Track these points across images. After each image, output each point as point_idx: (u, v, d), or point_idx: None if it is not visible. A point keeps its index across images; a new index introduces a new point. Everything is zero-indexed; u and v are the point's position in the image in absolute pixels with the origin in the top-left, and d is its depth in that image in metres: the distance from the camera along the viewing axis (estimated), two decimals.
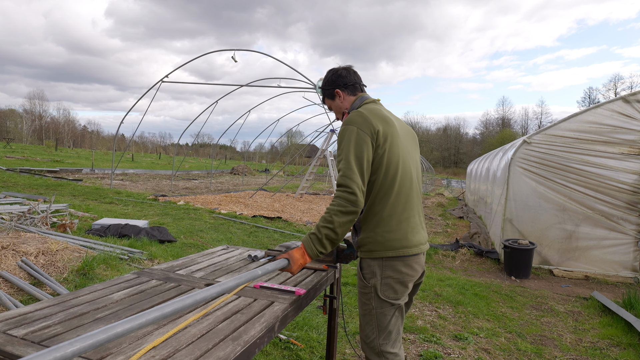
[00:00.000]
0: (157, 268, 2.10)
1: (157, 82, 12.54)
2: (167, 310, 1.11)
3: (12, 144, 41.19)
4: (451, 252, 6.95)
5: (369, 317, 1.84)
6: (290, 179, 24.22)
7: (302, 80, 12.22)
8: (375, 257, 1.81)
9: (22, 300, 3.47)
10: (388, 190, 1.80)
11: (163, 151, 72.38)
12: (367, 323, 1.86)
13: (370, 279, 1.82)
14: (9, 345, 1.19)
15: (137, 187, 15.11)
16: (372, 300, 1.82)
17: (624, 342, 3.59)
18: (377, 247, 1.80)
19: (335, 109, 2.11)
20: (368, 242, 1.82)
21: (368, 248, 1.83)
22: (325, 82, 2.10)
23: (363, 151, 1.75)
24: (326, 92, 2.09)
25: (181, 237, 6.69)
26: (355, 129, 1.78)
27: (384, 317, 1.82)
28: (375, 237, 1.80)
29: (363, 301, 1.86)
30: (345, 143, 1.78)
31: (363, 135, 1.77)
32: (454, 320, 3.94)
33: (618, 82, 49.58)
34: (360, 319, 1.91)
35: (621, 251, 5.92)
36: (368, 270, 1.83)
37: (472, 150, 62.06)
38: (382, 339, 1.83)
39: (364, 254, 1.85)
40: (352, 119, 1.82)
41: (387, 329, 1.83)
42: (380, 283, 1.80)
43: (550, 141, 6.19)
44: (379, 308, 1.82)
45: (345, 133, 1.80)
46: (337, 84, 2.06)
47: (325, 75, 2.13)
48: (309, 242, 1.76)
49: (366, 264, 1.84)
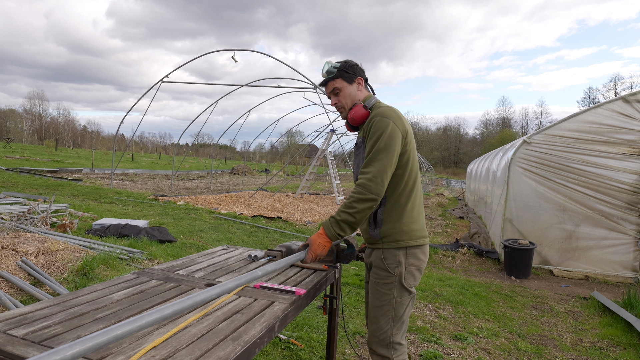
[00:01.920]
0: (157, 268, 2.10)
1: (157, 82, 12.54)
2: (167, 312, 1.10)
3: (12, 144, 41.19)
4: (451, 252, 6.95)
5: (387, 307, 1.92)
6: (290, 179, 24.22)
7: (302, 81, 12.22)
8: (401, 246, 1.92)
9: (22, 300, 3.47)
10: (412, 185, 1.95)
11: (163, 151, 72.37)
12: (383, 314, 1.93)
13: (395, 268, 1.92)
14: (9, 345, 1.19)
15: (137, 187, 15.10)
16: (394, 290, 1.92)
17: (624, 342, 3.59)
18: (403, 236, 1.92)
19: (348, 96, 2.05)
20: (394, 232, 1.92)
21: (394, 238, 1.92)
22: (347, 66, 2.05)
23: (395, 145, 1.85)
24: (346, 75, 2.04)
25: (181, 237, 6.69)
26: (391, 123, 1.87)
27: (401, 307, 1.93)
28: (401, 227, 1.92)
29: (383, 292, 1.93)
30: (380, 134, 1.85)
31: (397, 131, 1.87)
32: (454, 320, 3.94)
33: (618, 82, 49.63)
34: (373, 311, 1.96)
35: (621, 251, 5.92)
36: (393, 260, 1.92)
37: (472, 150, 62.06)
38: (395, 329, 1.93)
39: (389, 244, 1.93)
40: (388, 113, 1.90)
41: (401, 319, 1.94)
42: (405, 271, 1.92)
43: (550, 141, 6.18)
44: (399, 297, 1.92)
45: (381, 124, 1.86)
46: (359, 73, 2.08)
47: (345, 61, 2.09)
48: (328, 225, 1.88)
49: (391, 254, 1.93)
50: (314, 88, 12.33)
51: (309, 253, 1.91)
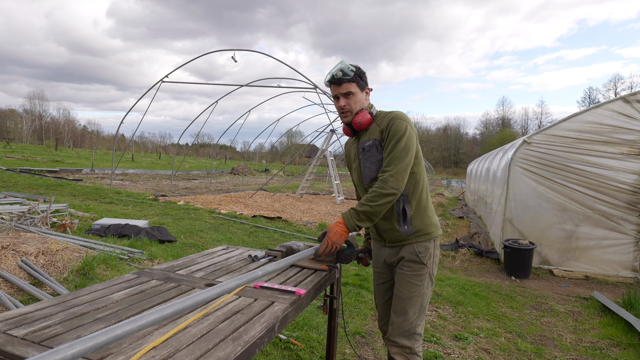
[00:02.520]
0: (157, 268, 2.10)
1: (157, 82, 12.54)
2: (167, 312, 1.11)
3: (12, 144, 41.18)
4: (451, 252, 6.94)
5: (417, 298, 2.04)
6: (290, 179, 24.21)
7: (302, 81, 12.22)
8: (431, 237, 2.07)
9: (22, 300, 3.47)
10: (425, 181, 2.13)
11: (163, 151, 72.36)
12: (412, 305, 2.04)
13: (428, 259, 2.06)
14: (9, 345, 1.19)
15: (137, 187, 15.10)
16: (425, 280, 2.05)
17: (624, 342, 3.59)
18: (433, 228, 2.09)
19: (358, 102, 2.17)
20: (426, 225, 2.07)
21: (427, 231, 2.07)
22: (362, 73, 2.17)
23: (413, 145, 2.01)
24: (360, 82, 2.16)
25: (181, 237, 6.69)
26: (408, 125, 2.03)
27: (427, 297, 2.07)
28: (430, 220, 2.09)
29: (414, 283, 2.04)
30: (401, 135, 1.99)
31: (414, 132, 2.04)
32: (454, 320, 3.94)
33: (618, 82, 49.61)
34: (402, 303, 2.05)
35: (621, 251, 5.92)
36: (426, 252, 2.06)
37: (472, 150, 62.06)
38: (419, 319, 2.06)
39: (422, 237, 2.06)
40: (405, 117, 2.06)
41: (425, 309, 2.09)
42: (433, 262, 2.08)
43: (550, 141, 6.18)
44: (427, 288, 2.07)
45: (401, 127, 2.00)
46: (366, 82, 2.21)
47: (359, 68, 2.19)
48: (348, 215, 1.98)
49: (424, 247, 2.06)
50: (314, 88, 12.32)
51: (325, 240, 2.00)
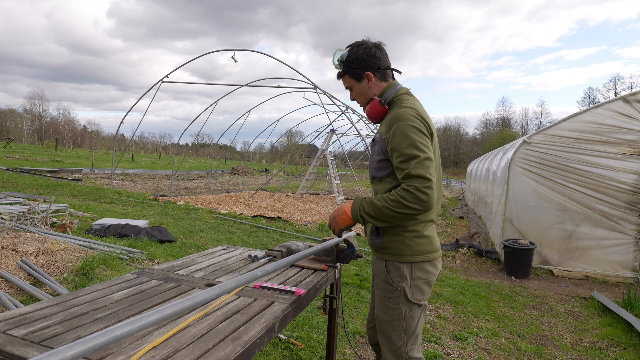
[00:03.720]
0: (157, 268, 2.10)
1: (157, 82, 12.54)
2: (167, 313, 1.10)
3: (12, 144, 41.19)
4: (451, 252, 6.94)
5: (397, 322, 1.76)
6: (290, 179, 24.21)
7: (302, 81, 12.22)
8: (405, 261, 1.79)
9: (22, 300, 3.47)
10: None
11: (163, 151, 72.39)
12: (393, 329, 1.77)
13: (399, 282, 1.82)
14: (9, 345, 1.19)
15: (137, 187, 15.10)
16: (401, 304, 1.77)
17: (624, 342, 3.59)
18: (407, 252, 1.78)
19: (359, 94, 1.81)
20: (398, 246, 1.79)
21: (398, 252, 1.79)
22: (353, 59, 1.76)
23: (428, 148, 1.66)
24: (352, 72, 1.77)
25: (181, 237, 6.69)
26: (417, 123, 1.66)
27: (412, 321, 1.76)
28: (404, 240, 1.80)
29: (390, 306, 1.77)
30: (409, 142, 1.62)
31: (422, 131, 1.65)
32: (454, 320, 3.94)
33: (618, 82, 49.60)
34: (384, 326, 1.80)
35: (621, 251, 5.92)
36: (397, 273, 1.82)
37: (472, 150, 62.05)
38: (409, 344, 1.76)
39: (392, 257, 1.80)
40: (408, 117, 1.65)
41: (414, 333, 1.77)
42: (410, 285, 1.79)
43: (550, 141, 6.18)
44: (408, 311, 1.77)
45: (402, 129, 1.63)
46: (368, 65, 1.76)
47: (353, 50, 1.77)
48: (358, 202, 1.71)
49: (394, 267, 1.81)
50: (314, 88, 12.33)
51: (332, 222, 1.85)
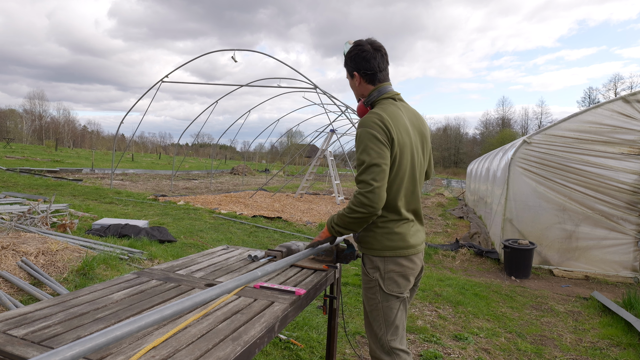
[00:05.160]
0: (157, 268, 2.10)
1: (157, 82, 12.54)
2: (167, 313, 1.11)
3: (12, 144, 41.18)
4: (451, 252, 6.94)
5: (376, 312, 1.87)
6: (290, 179, 24.21)
7: (302, 81, 12.22)
8: (379, 255, 1.89)
9: (22, 300, 3.47)
10: (396, 192, 1.85)
11: (163, 151, 72.39)
12: (374, 319, 1.88)
13: (373, 273, 1.93)
14: (9, 345, 1.19)
15: (137, 187, 15.10)
16: (378, 295, 1.88)
17: (624, 342, 3.59)
18: (376, 245, 1.89)
19: (352, 89, 1.95)
20: (370, 241, 1.88)
21: (371, 246, 1.89)
22: (348, 57, 1.88)
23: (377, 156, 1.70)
24: (347, 68, 1.91)
25: (181, 237, 6.69)
26: (372, 131, 1.71)
27: (390, 311, 1.85)
28: (375, 235, 1.89)
29: (369, 296, 1.90)
30: (362, 147, 1.71)
31: (378, 140, 1.70)
32: (454, 320, 3.94)
33: (618, 82, 49.62)
34: (367, 316, 1.93)
35: (621, 251, 5.92)
36: (372, 265, 1.92)
37: (472, 150, 62.06)
38: (389, 334, 1.85)
39: (367, 250, 1.91)
40: (368, 123, 1.73)
41: (394, 323, 1.85)
42: (384, 277, 1.90)
43: (550, 141, 6.18)
44: (385, 302, 1.86)
45: (361, 137, 1.73)
46: (357, 66, 1.86)
47: (351, 49, 1.87)
48: (331, 217, 1.89)
49: (368, 259, 1.93)
50: (314, 88, 12.32)
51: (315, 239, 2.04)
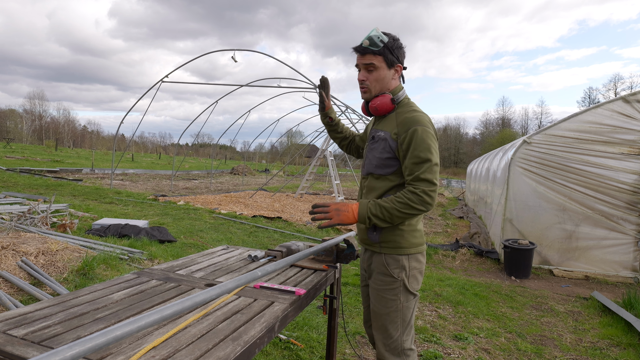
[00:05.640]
0: (157, 268, 2.10)
1: (157, 82, 12.54)
2: (167, 313, 1.11)
3: (12, 144, 41.19)
4: (451, 252, 6.94)
5: (395, 314, 1.86)
6: (290, 179, 24.21)
7: (302, 81, 12.23)
8: (403, 253, 1.90)
9: (22, 300, 3.47)
10: None
11: (163, 151, 72.41)
12: (391, 322, 1.86)
13: (399, 273, 1.91)
14: (9, 345, 1.19)
15: (137, 187, 15.10)
16: (400, 295, 1.88)
17: (624, 342, 3.59)
18: (406, 244, 1.89)
19: (381, 80, 1.81)
20: (397, 239, 1.87)
21: (397, 245, 1.88)
22: (395, 46, 1.77)
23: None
24: (389, 57, 1.76)
25: (181, 237, 6.69)
26: (433, 133, 1.78)
27: (408, 311, 1.88)
28: (404, 235, 1.89)
29: (388, 298, 1.87)
30: (427, 146, 1.74)
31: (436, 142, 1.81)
32: (454, 320, 3.94)
33: (618, 82, 49.58)
34: (380, 320, 1.89)
35: (621, 251, 5.92)
36: (396, 264, 1.91)
37: (472, 150, 62.03)
38: (405, 335, 1.87)
39: (390, 250, 1.89)
40: (429, 124, 1.79)
41: (409, 323, 1.89)
42: (409, 276, 1.91)
43: (550, 141, 6.18)
44: (405, 302, 1.88)
45: (427, 137, 1.75)
46: (401, 60, 1.81)
47: (395, 39, 1.78)
48: (366, 204, 1.77)
49: (393, 259, 1.91)
50: (314, 88, 12.33)
51: (334, 205, 1.79)
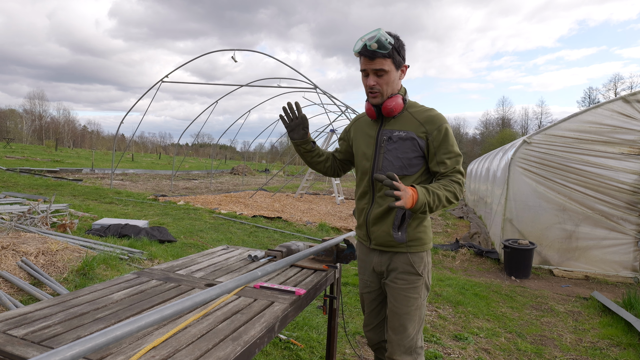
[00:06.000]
0: (157, 268, 2.10)
1: (157, 82, 12.55)
2: (167, 313, 1.11)
3: (12, 144, 41.19)
4: (451, 252, 6.94)
5: (415, 311, 1.89)
6: (290, 179, 24.21)
7: (302, 81, 12.23)
8: (426, 249, 1.98)
9: (22, 300, 3.47)
10: None
11: (163, 151, 72.41)
12: (410, 320, 1.88)
13: (423, 269, 1.95)
14: (9, 345, 1.19)
15: (137, 187, 15.10)
16: (421, 292, 1.93)
17: (624, 342, 3.59)
18: (428, 240, 1.97)
19: (391, 83, 1.82)
20: (421, 236, 1.92)
21: (422, 242, 1.92)
22: (401, 48, 1.79)
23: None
24: (397, 58, 1.78)
25: (181, 237, 6.69)
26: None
27: (424, 308, 1.95)
28: (426, 230, 1.97)
29: (411, 297, 1.89)
30: (453, 141, 1.87)
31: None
32: (454, 320, 3.94)
33: (618, 82, 49.51)
34: (400, 319, 1.88)
35: (621, 251, 5.92)
36: (421, 262, 1.95)
37: (472, 150, 61.98)
38: (419, 332, 1.91)
39: (416, 248, 1.93)
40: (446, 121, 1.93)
41: (423, 319, 1.95)
42: (428, 271, 1.99)
43: (550, 141, 6.18)
44: (423, 298, 1.94)
45: (451, 133, 1.88)
46: (404, 60, 1.84)
47: (400, 40, 1.79)
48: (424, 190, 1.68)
49: (419, 257, 1.94)
50: (314, 88, 12.33)
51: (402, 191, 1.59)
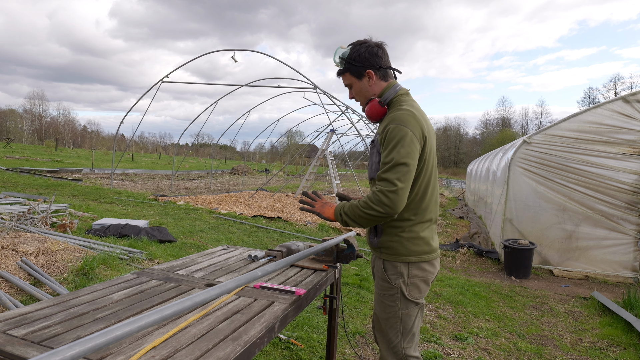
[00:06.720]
0: (157, 268, 2.10)
1: (157, 82, 12.54)
2: (167, 313, 1.11)
3: (12, 144, 41.20)
4: (451, 252, 6.95)
5: (394, 319, 1.80)
6: (290, 179, 24.21)
7: (302, 81, 12.23)
8: (402, 261, 1.81)
9: (22, 300, 3.47)
10: (422, 195, 1.76)
11: (163, 151, 72.41)
12: (390, 327, 1.81)
13: (396, 279, 1.84)
14: (9, 345, 1.19)
15: (137, 187, 15.10)
16: (398, 302, 1.80)
17: (624, 342, 3.59)
18: (404, 252, 1.78)
19: (359, 92, 1.81)
20: (395, 246, 1.77)
21: (395, 252, 1.78)
22: (355, 57, 1.77)
23: (412, 156, 1.63)
24: (353, 69, 1.77)
25: (181, 237, 6.69)
26: (409, 130, 1.63)
27: (409, 318, 1.80)
28: (404, 242, 1.78)
29: (387, 304, 1.82)
30: (396, 143, 1.62)
31: (416, 140, 1.64)
32: (454, 320, 3.94)
33: (618, 82, 49.55)
34: (381, 323, 1.85)
35: (621, 251, 5.92)
36: (394, 271, 1.82)
37: (472, 150, 62.04)
38: (406, 342, 1.80)
39: (389, 256, 1.80)
40: (405, 119, 1.64)
41: (411, 331, 1.81)
42: (408, 283, 1.82)
43: (550, 141, 6.18)
44: (404, 309, 1.81)
45: (397, 134, 1.62)
46: (370, 63, 1.77)
47: (355, 48, 1.78)
48: (340, 206, 1.75)
49: (391, 265, 1.82)
50: (314, 88, 12.33)
51: (320, 201, 1.87)
